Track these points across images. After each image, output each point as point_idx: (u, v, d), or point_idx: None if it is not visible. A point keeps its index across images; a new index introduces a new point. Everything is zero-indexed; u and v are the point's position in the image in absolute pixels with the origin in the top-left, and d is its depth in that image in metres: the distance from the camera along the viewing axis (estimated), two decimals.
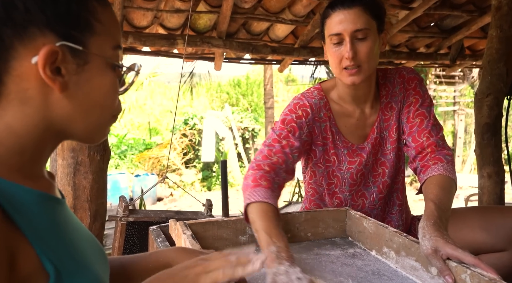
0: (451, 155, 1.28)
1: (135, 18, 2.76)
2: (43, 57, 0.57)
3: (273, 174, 1.22)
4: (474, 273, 0.83)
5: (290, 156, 1.27)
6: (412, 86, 1.35)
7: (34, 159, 0.63)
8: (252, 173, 1.20)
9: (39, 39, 0.57)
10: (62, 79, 0.59)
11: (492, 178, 2.46)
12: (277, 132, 1.30)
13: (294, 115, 1.32)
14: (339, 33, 1.22)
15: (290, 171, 1.29)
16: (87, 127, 0.66)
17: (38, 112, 0.60)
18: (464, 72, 9.66)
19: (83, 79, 0.62)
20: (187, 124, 10.49)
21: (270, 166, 1.22)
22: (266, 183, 1.17)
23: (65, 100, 0.61)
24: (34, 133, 0.61)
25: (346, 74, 1.24)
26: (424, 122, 1.32)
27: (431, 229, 0.95)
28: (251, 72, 16.12)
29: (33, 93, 0.59)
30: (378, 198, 1.42)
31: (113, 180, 7.72)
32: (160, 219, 2.12)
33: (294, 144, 1.28)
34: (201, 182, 9.82)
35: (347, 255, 1.14)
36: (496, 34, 2.40)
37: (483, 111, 2.47)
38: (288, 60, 3.45)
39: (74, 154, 2.05)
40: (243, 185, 1.21)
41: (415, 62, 3.69)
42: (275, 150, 1.26)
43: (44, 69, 0.57)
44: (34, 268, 0.56)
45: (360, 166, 1.37)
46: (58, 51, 0.58)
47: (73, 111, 0.62)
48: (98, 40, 0.63)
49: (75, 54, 0.60)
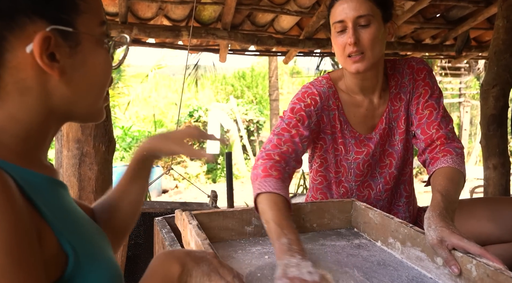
0: (461, 147, 1.27)
1: (139, 10, 2.76)
2: (38, 45, 0.56)
3: (283, 163, 1.21)
4: (480, 263, 0.83)
5: (300, 145, 1.27)
6: (421, 77, 1.35)
7: (39, 144, 0.63)
8: (262, 163, 1.19)
9: (29, 27, 0.56)
10: (58, 64, 0.59)
11: (498, 169, 2.46)
12: (286, 121, 1.29)
13: (302, 104, 1.31)
14: (342, 20, 1.22)
15: (299, 160, 1.29)
16: (88, 107, 0.66)
17: (39, 100, 0.60)
18: (470, 64, 9.58)
19: (78, 61, 0.61)
20: (192, 117, 10.51)
21: (280, 155, 1.21)
22: (276, 173, 1.16)
23: (64, 85, 0.61)
24: (38, 120, 0.61)
25: (350, 62, 1.24)
26: (433, 114, 1.31)
27: (437, 219, 0.95)
28: (256, 64, 16.08)
29: (31, 82, 0.59)
30: (385, 189, 1.42)
31: (118, 172, 7.70)
32: (165, 210, 2.13)
33: (303, 133, 1.28)
34: (206, 174, 9.86)
35: (353, 246, 1.14)
36: (503, 25, 2.38)
37: (489, 103, 2.46)
38: (293, 51, 3.44)
39: (79, 145, 2.06)
40: (252, 174, 1.19)
41: (421, 53, 3.67)
42: (284, 139, 1.25)
43: (41, 57, 0.56)
44: (55, 250, 0.57)
45: (367, 156, 1.37)
46: (51, 36, 0.57)
47: (73, 94, 0.62)
48: (84, 19, 0.62)
49: (66, 37, 0.59)
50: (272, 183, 1.12)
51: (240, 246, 1.12)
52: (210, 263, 0.72)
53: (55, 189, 0.63)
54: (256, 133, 11.12)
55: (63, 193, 0.65)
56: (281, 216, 1.03)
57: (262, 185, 1.12)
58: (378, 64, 1.29)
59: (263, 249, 1.10)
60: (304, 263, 0.86)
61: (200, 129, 0.96)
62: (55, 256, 0.57)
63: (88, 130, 2.03)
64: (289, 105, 1.34)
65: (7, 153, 0.58)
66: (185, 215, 1.12)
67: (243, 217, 1.17)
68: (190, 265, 0.69)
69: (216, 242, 1.13)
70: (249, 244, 1.13)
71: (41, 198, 0.57)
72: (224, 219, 1.16)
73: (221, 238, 1.15)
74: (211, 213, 1.15)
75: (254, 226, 1.18)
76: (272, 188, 1.10)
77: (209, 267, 0.71)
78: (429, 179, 1.24)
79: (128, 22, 2.73)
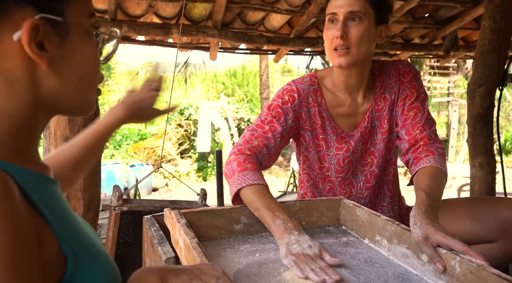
0: (442, 148, 1.30)
1: (129, 7, 2.74)
2: (27, 32, 0.54)
3: (255, 157, 1.27)
4: (463, 260, 0.84)
5: (272, 141, 1.31)
6: (407, 80, 1.37)
7: (30, 139, 0.61)
8: (235, 157, 1.25)
9: (18, 14, 0.54)
10: (47, 54, 0.57)
11: (484, 167, 2.49)
12: (262, 117, 1.35)
13: (280, 101, 1.35)
14: (334, 12, 1.25)
15: (273, 155, 1.34)
16: (77, 100, 0.65)
17: (27, 92, 0.58)
18: (458, 63, 9.69)
19: (67, 51, 0.60)
20: (182, 115, 10.47)
21: (251, 150, 1.28)
22: (251, 165, 1.22)
23: (52, 76, 0.59)
24: (27, 113, 0.59)
25: (335, 55, 1.27)
26: (418, 116, 1.33)
27: (422, 217, 0.97)
28: (247, 63, 16.07)
29: (19, 72, 0.56)
30: (366, 187, 1.43)
31: (108, 170, 7.71)
32: (154, 208, 2.13)
33: (277, 128, 1.32)
34: (197, 172, 9.84)
35: (340, 243, 1.15)
36: (489, 25, 2.41)
37: (476, 102, 2.49)
38: (283, 50, 3.45)
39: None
40: (227, 169, 1.25)
41: (410, 53, 3.70)
42: (256, 134, 1.31)
43: (29, 45, 0.54)
44: (55, 252, 0.55)
45: (348, 153, 1.39)
46: (39, 24, 0.55)
47: (62, 86, 0.61)
48: (74, 9, 0.60)
49: (55, 26, 0.58)
50: (250, 175, 1.19)
51: (229, 244, 1.13)
52: (190, 272, 0.73)
53: (50, 187, 0.61)
54: None
55: (56, 191, 0.64)
56: (268, 200, 1.12)
57: (242, 179, 1.18)
58: (364, 62, 1.31)
59: (252, 247, 1.10)
60: (303, 237, 0.98)
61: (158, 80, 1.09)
62: (55, 258, 0.55)
63: (76, 128, 2.01)
64: (269, 102, 1.39)
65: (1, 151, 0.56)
66: (174, 214, 1.12)
67: (232, 215, 1.18)
68: (169, 277, 0.70)
69: (205, 241, 1.13)
70: (238, 242, 1.14)
71: (40, 198, 0.56)
72: (213, 218, 1.16)
73: (210, 237, 1.15)
74: (199, 212, 1.15)
75: (243, 224, 1.19)
76: (251, 180, 1.18)
77: (189, 276, 0.72)
78: (412, 178, 1.26)
79: (117, 19, 2.71)
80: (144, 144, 10.20)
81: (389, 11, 1.33)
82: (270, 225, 1.06)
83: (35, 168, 0.60)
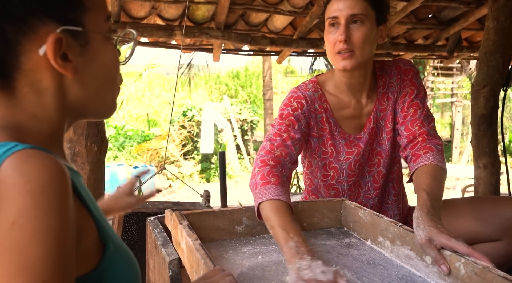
0: (441, 144, 1.30)
1: (132, 9, 2.75)
2: (51, 47, 0.57)
3: (280, 168, 1.22)
4: (468, 262, 0.84)
5: (293, 148, 1.28)
6: (408, 78, 1.37)
7: (60, 139, 0.65)
8: (259, 171, 1.20)
9: (41, 29, 0.58)
10: (71, 64, 0.60)
11: (488, 168, 2.48)
12: (277, 127, 1.32)
13: (290, 109, 1.33)
14: (335, 16, 1.25)
15: (294, 161, 1.31)
16: (101, 104, 0.68)
17: (55, 100, 0.62)
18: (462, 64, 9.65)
19: (89, 59, 0.63)
20: (185, 116, 10.48)
21: (275, 160, 1.23)
22: (275, 179, 1.16)
23: (78, 84, 0.63)
24: (56, 118, 0.63)
25: (339, 59, 1.26)
26: (417, 112, 1.34)
27: (425, 218, 0.96)
28: (250, 64, 16.08)
29: (46, 83, 0.60)
30: (374, 188, 1.43)
31: (111, 171, 7.72)
32: (158, 210, 2.13)
33: (294, 136, 1.30)
34: (200, 173, 9.84)
35: (343, 245, 1.15)
36: (493, 26, 2.40)
37: (480, 103, 2.48)
38: (286, 51, 3.45)
39: (71, 144, 2.05)
40: (251, 183, 1.20)
41: (413, 53, 3.69)
42: (277, 143, 1.27)
43: (54, 58, 0.58)
44: (94, 238, 0.59)
45: (358, 156, 1.39)
46: (62, 37, 0.58)
47: (87, 92, 0.64)
48: (91, 16, 0.63)
49: (76, 37, 0.61)
50: (272, 190, 1.13)
51: (231, 246, 1.13)
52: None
53: (80, 179, 0.65)
54: (250, 133, 11.11)
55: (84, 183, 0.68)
56: (285, 220, 1.04)
57: (263, 193, 1.13)
58: (366, 64, 1.31)
59: (254, 249, 1.10)
60: (315, 263, 0.88)
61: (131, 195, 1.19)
62: (94, 245, 0.59)
63: (80, 130, 2.02)
64: (279, 112, 1.36)
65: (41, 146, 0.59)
66: (175, 215, 1.12)
67: (233, 217, 1.18)
68: None
69: (207, 242, 1.13)
70: (240, 244, 1.14)
71: (81, 188, 0.60)
72: (215, 219, 1.16)
73: (212, 238, 1.15)
74: (202, 213, 1.15)
75: (244, 225, 1.19)
76: (273, 194, 1.11)
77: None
78: (411, 176, 1.26)
79: (121, 21, 2.71)
80: (148, 145, 10.21)
81: (387, 10, 1.33)
82: (282, 246, 0.98)
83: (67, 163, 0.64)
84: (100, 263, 0.60)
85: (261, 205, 1.11)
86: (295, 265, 0.88)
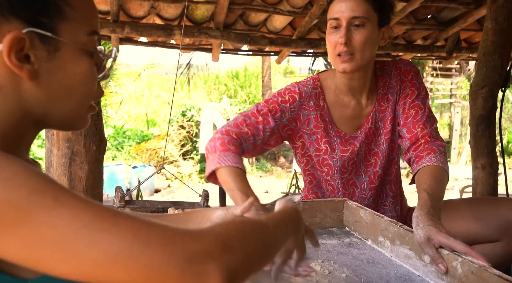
0: (444, 146, 1.30)
1: (131, 8, 2.75)
2: (7, 45, 0.56)
3: (240, 141, 1.27)
4: (465, 261, 0.84)
5: (261, 133, 1.31)
6: (408, 78, 1.37)
7: (16, 144, 0.62)
8: (220, 137, 1.25)
9: (4, 27, 0.56)
10: (30, 67, 0.58)
11: (486, 169, 2.48)
12: (259, 107, 1.34)
13: (280, 99, 1.35)
14: (337, 18, 1.24)
15: (258, 147, 1.34)
16: (65, 115, 0.65)
17: (12, 100, 0.59)
18: (461, 65, 9.67)
19: (55, 66, 0.61)
20: (184, 116, 10.48)
21: (238, 135, 1.27)
22: (234, 147, 1.22)
23: (38, 88, 0.60)
24: (12, 120, 0.60)
25: (339, 61, 1.26)
26: (419, 114, 1.33)
27: (425, 218, 0.97)
28: (249, 64, 16.10)
29: (3, 81, 0.58)
30: (369, 188, 1.43)
31: (110, 171, 7.72)
32: (156, 209, 2.13)
33: (269, 122, 1.31)
34: (199, 173, 9.83)
35: (343, 244, 1.15)
36: (492, 27, 2.41)
37: (478, 103, 2.48)
38: (285, 51, 3.45)
39: (70, 144, 2.05)
40: (209, 146, 1.26)
41: (412, 54, 3.70)
42: (248, 121, 1.31)
43: (9, 57, 0.56)
44: None
45: (353, 154, 1.39)
46: (25, 38, 0.57)
47: (48, 100, 0.62)
48: (69, 26, 0.61)
49: (44, 41, 0.59)
50: (231, 157, 1.19)
51: None
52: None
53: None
54: None
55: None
56: (244, 185, 1.13)
57: (222, 159, 1.19)
58: (367, 66, 1.31)
59: None
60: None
61: None
62: None
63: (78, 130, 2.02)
64: (269, 97, 1.38)
65: None
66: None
67: None
68: None
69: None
70: None
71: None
72: None
73: None
74: None
75: None
76: (232, 162, 1.18)
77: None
78: (413, 177, 1.26)
79: (119, 20, 2.71)
80: (147, 145, 10.21)
81: (391, 11, 1.33)
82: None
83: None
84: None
85: (220, 169, 1.18)
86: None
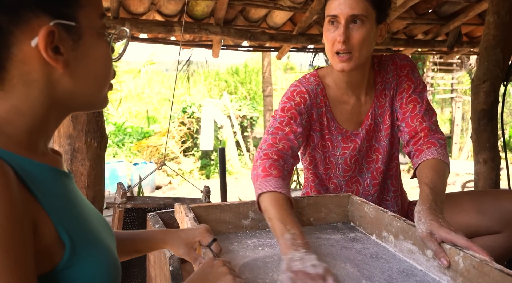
0: (444, 139, 1.30)
1: (131, 5, 2.74)
2: (43, 39, 0.58)
3: (282, 162, 1.21)
4: (466, 255, 0.85)
5: (295, 142, 1.28)
6: (404, 73, 1.36)
7: (41, 135, 0.65)
8: (261, 163, 1.19)
9: (34, 22, 0.59)
10: (62, 57, 0.61)
11: (488, 163, 2.49)
12: (279, 120, 1.30)
13: (293, 103, 1.32)
14: (335, 15, 1.22)
15: (296, 156, 1.31)
16: (91, 97, 0.69)
17: (43, 93, 0.62)
18: (462, 60, 9.64)
19: (81, 53, 0.64)
20: (185, 113, 10.47)
21: (277, 154, 1.22)
22: (276, 171, 1.17)
23: (67, 77, 0.63)
24: (41, 112, 0.63)
25: (337, 60, 1.25)
26: (417, 107, 1.33)
27: (427, 212, 0.97)
28: (250, 60, 16.05)
29: (36, 75, 0.61)
30: (372, 184, 1.44)
31: (111, 168, 7.73)
32: (158, 205, 2.13)
33: (297, 129, 1.29)
34: (200, 170, 9.84)
35: (348, 239, 1.15)
36: (493, 20, 2.40)
37: (480, 98, 2.48)
38: (286, 47, 3.44)
39: (71, 140, 2.05)
40: (252, 175, 1.20)
41: (413, 49, 3.69)
42: (279, 137, 1.26)
43: (46, 50, 0.59)
44: (52, 238, 0.59)
45: (354, 151, 1.39)
46: (55, 30, 0.59)
47: (76, 86, 0.65)
48: (85, 12, 0.64)
49: (69, 31, 0.62)
50: (273, 182, 1.13)
51: (236, 238, 1.13)
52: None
53: (57, 178, 0.65)
54: (250, 129, 11.11)
55: (66, 182, 0.67)
56: (283, 212, 1.04)
57: (263, 184, 1.13)
58: (365, 63, 1.30)
59: (259, 242, 1.11)
60: (308, 256, 0.87)
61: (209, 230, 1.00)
62: (52, 244, 0.59)
63: (80, 126, 2.02)
64: (280, 105, 1.35)
65: (10, 143, 0.60)
66: (183, 208, 1.13)
67: (240, 210, 1.18)
68: None
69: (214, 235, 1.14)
70: (245, 237, 1.15)
71: (41, 187, 0.59)
72: (221, 212, 1.17)
73: (219, 231, 1.16)
74: (208, 206, 1.16)
75: (251, 219, 1.19)
76: (273, 187, 1.11)
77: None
78: (414, 171, 1.26)
79: (120, 17, 2.71)
80: (147, 142, 10.21)
81: (389, 7, 1.32)
82: (278, 238, 0.99)
83: (43, 160, 0.64)
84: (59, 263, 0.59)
85: (261, 196, 1.11)
86: (288, 256, 0.88)
